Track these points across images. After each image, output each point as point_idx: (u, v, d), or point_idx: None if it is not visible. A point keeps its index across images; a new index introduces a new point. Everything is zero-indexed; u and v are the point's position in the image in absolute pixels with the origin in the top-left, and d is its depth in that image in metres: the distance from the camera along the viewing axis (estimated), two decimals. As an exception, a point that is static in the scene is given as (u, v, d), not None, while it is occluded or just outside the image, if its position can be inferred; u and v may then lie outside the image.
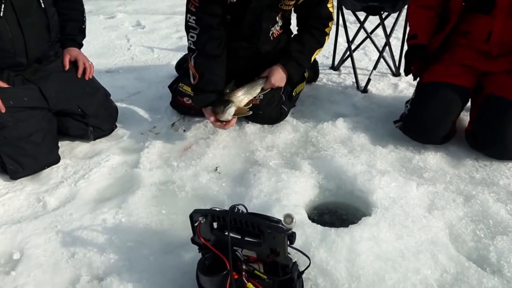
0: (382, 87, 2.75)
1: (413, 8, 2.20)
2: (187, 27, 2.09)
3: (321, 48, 2.25)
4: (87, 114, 2.15)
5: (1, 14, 1.81)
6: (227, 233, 1.19)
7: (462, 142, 2.09)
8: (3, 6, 1.81)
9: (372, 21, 2.95)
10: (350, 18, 3.04)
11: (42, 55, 2.07)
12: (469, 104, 2.17)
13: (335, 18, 2.33)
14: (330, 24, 2.21)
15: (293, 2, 2.12)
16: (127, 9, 5.06)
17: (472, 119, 2.09)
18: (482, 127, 1.99)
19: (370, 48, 3.30)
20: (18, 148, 1.90)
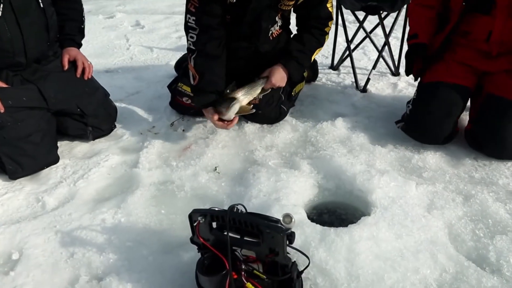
0: (381, 87, 2.75)
1: (414, 8, 2.20)
2: (187, 28, 2.09)
3: (321, 47, 2.25)
4: (86, 114, 2.15)
5: (0, 14, 1.81)
6: (226, 233, 1.18)
7: (462, 142, 2.09)
8: (1, 5, 1.80)
9: (371, 20, 2.95)
10: (349, 18, 3.04)
11: (41, 55, 2.06)
12: (469, 103, 2.17)
13: (334, 17, 2.32)
14: (330, 24, 2.21)
15: (293, 3, 2.11)
16: (126, 9, 5.06)
17: (472, 119, 2.09)
18: (482, 127, 1.99)
19: (369, 48, 3.30)
20: (17, 148, 1.89)
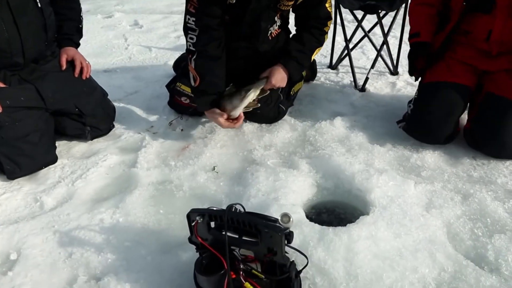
0: (380, 86, 2.75)
1: (414, 6, 2.20)
2: (186, 28, 2.08)
3: (321, 47, 2.25)
4: (84, 114, 2.14)
5: (-2, 14, 1.81)
6: (224, 232, 1.18)
7: (460, 141, 2.09)
8: (-1, 5, 1.80)
9: (370, 20, 2.95)
10: (348, 17, 3.04)
11: (39, 55, 2.06)
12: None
13: (333, 17, 2.32)
14: (329, 23, 2.21)
15: (292, 3, 2.11)
16: (125, 9, 5.05)
17: (471, 118, 2.09)
18: (481, 126, 1.99)
19: (368, 47, 3.30)
20: (15, 148, 1.89)
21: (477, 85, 2.09)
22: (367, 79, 2.68)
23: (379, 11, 2.61)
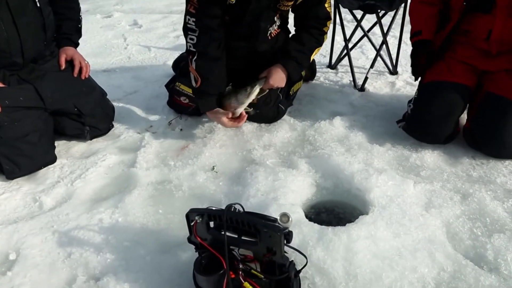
0: (379, 86, 2.75)
1: (415, 5, 2.20)
2: (186, 29, 2.07)
3: (320, 47, 2.25)
4: (84, 114, 2.14)
5: (-4, 14, 1.81)
6: (223, 232, 1.18)
7: (460, 140, 2.09)
8: (-2, 5, 1.80)
9: (369, 19, 2.95)
10: (347, 17, 3.03)
11: (38, 55, 2.06)
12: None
13: (332, 17, 2.32)
14: (328, 23, 2.20)
15: (292, 3, 2.11)
16: (124, 8, 5.05)
17: (471, 118, 2.09)
18: (481, 126, 1.99)
19: (367, 47, 3.30)
20: (14, 148, 1.89)
21: (477, 84, 2.09)
22: (366, 78, 2.68)
23: (378, 10, 2.61)
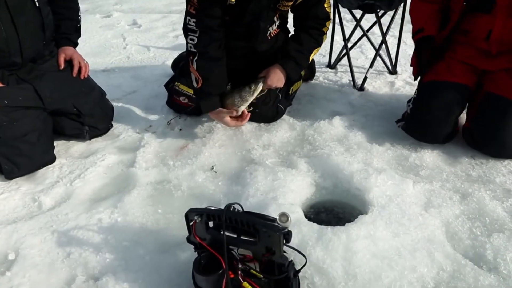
0: (379, 85, 2.75)
1: (415, 4, 2.20)
2: (186, 30, 2.06)
3: (319, 47, 2.25)
4: (83, 113, 2.14)
5: (-5, 13, 1.80)
6: (222, 232, 1.18)
7: (459, 140, 2.09)
8: (-4, 5, 1.80)
9: (368, 19, 2.95)
10: (346, 17, 3.04)
11: (36, 54, 2.06)
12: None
13: (332, 17, 2.32)
14: (328, 24, 2.20)
15: (291, 3, 2.11)
16: (123, 8, 5.04)
17: (471, 117, 2.08)
18: (481, 125, 1.99)
19: (366, 46, 3.29)
20: (13, 148, 1.89)
21: (477, 84, 2.09)
22: (365, 78, 2.68)
23: (378, 10, 2.61)
